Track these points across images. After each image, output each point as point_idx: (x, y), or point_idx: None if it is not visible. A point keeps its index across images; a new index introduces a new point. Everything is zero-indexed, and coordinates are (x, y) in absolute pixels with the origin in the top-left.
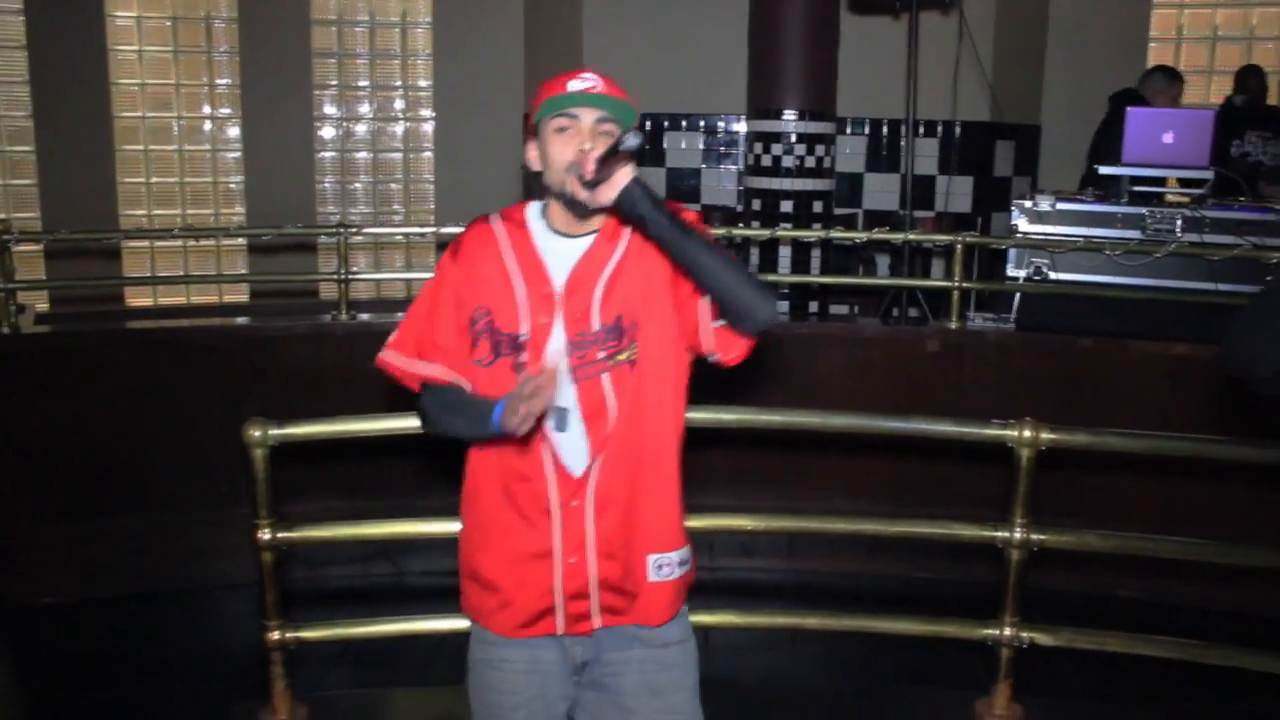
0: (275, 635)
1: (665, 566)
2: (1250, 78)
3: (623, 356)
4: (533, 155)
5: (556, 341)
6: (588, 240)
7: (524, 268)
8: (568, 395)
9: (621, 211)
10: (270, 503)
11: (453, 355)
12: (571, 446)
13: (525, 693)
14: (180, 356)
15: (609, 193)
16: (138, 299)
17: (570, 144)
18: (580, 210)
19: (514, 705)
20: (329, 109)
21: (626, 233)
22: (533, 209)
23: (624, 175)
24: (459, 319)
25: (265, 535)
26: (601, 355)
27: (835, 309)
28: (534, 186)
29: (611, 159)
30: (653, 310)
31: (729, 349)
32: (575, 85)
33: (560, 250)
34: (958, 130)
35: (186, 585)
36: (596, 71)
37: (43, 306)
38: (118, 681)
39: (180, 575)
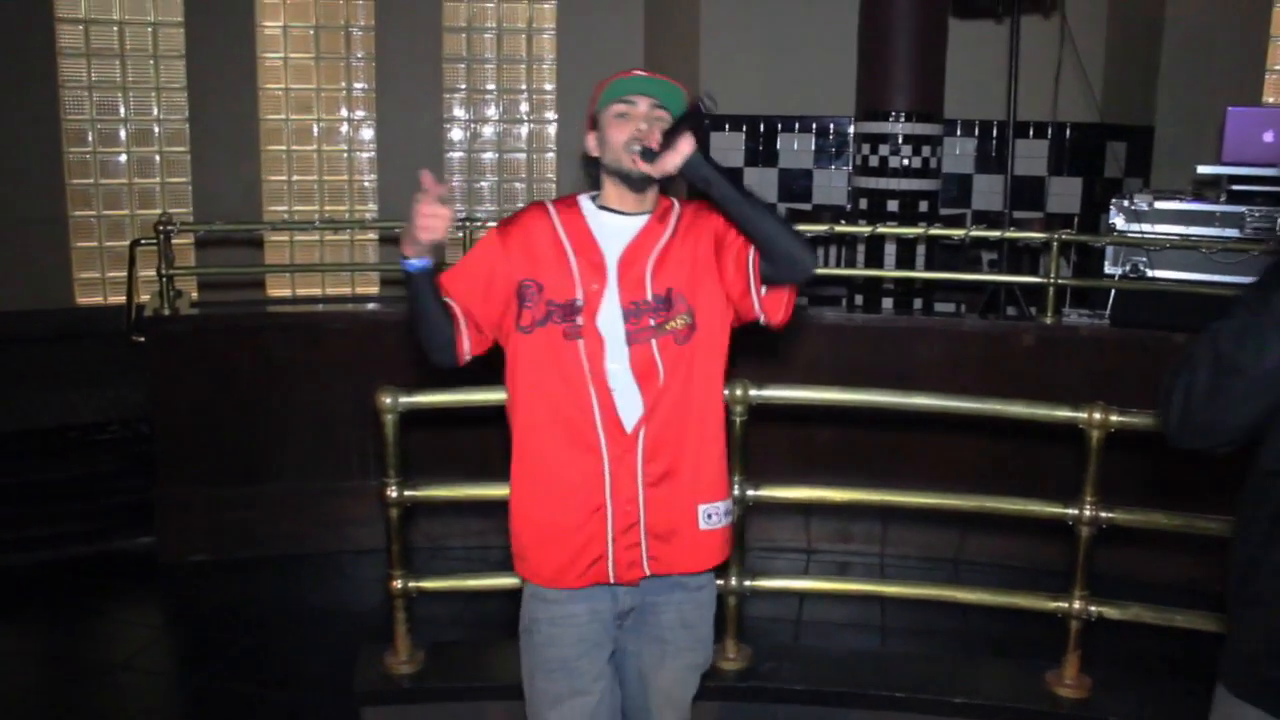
0: (398, 584)
1: (714, 515)
2: None
3: (672, 325)
4: (591, 143)
5: (611, 307)
6: (642, 219)
7: (576, 241)
8: (621, 357)
9: (688, 175)
10: (398, 465)
11: (462, 298)
12: (627, 403)
13: (589, 640)
14: (317, 338)
15: (674, 159)
16: (276, 288)
17: (627, 127)
18: (637, 184)
19: (579, 654)
20: (457, 111)
21: (675, 214)
22: (584, 196)
23: (688, 144)
24: (489, 288)
25: (393, 493)
26: (653, 323)
27: (941, 307)
28: (590, 175)
29: (676, 131)
30: (699, 285)
31: (775, 310)
32: (633, 72)
33: (614, 226)
34: (1066, 131)
35: (319, 549)
36: (649, 71)
37: (194, 294)
38: (256, 631)
39: (314, 539)
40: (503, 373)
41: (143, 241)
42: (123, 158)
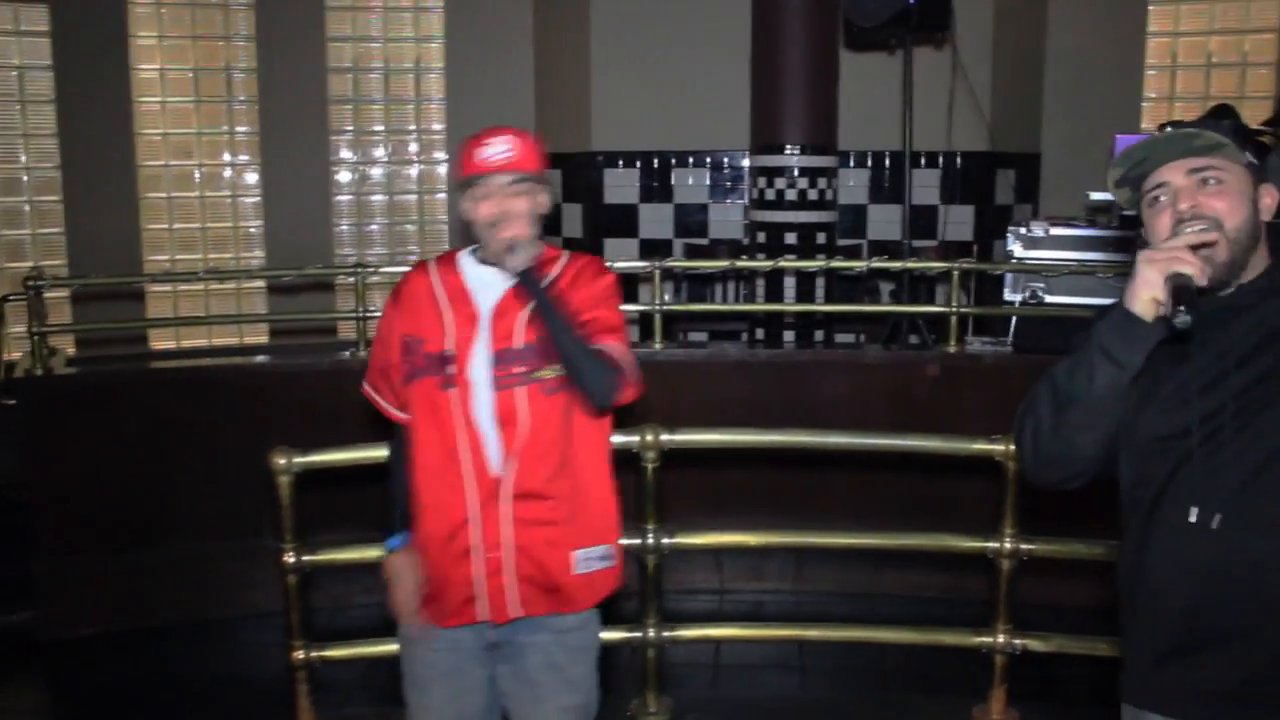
0: (299, 655)
1: (590, 560)
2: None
3: (540, 375)
4: (466, 205)
5: (481, 356)
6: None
7: (451, 295)
8: (485, 402)
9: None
10: (295, 528)
11: (399, 389)
12: (493, 447)
13: (441, 666)
14: (206, 393)
15: (514, 263)
16: (160, 341)
17: (492, 206)
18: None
19: (433, 677)
20: (345, 153)
21: (560, 265)
22: (466, 252)
23: (519, 262)
24: (391, 350)
25: (290, 559)
26: (520, 369)
27: (841, 338)
28: (471, 234)
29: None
30: None
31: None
32: (486, 155)
33: (491, 278)
34: (958, 160)
35: (217, 615)
36: (514, 131)
37: (70, 350)
38: (151, 708)
39: (210, 605)
40: None
41: (10, 298)
42: None
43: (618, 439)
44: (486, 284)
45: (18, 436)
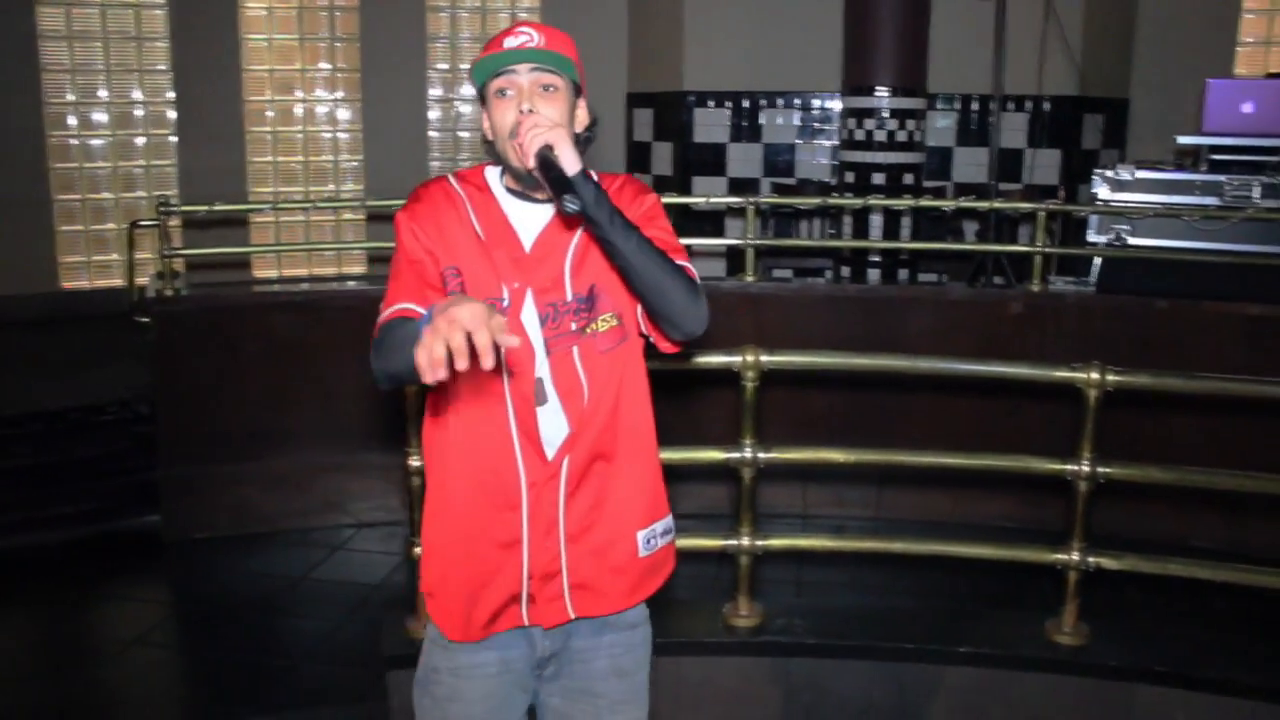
0: (418, 550)
1: (653, 540)
2: None
3: (594, 328)
4: (486, 123)
5: (528, 311)
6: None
7: (491, 228)
8: (542, 368)
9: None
10: (418, 434)
11: (429, 298)
12: (550, 422)
13: (498, 696)
14: (319, 317)
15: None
16: (262, 269)
17: (511, 107)
18: (532, 184)
19: (487, 712)
20: (441, 90)
21: None
22: (491, 172)
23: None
24: (432, 269)
25: (414, 462)
26: (574, 326)
27: (924, 278)
28: (494, 157)
29: (550, 173)
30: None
31: (662, 340)
32: (509, 43)
33: (526, 214)
34: (1046, 105)
35: (324, 524)
36: (537, 25)
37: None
38: (267, 605)
39: (318, 515)
40: None
41: (142, 223)
42: (104, 141)
43: (717, 359)
44: (526, 219)
45: (147, 353)
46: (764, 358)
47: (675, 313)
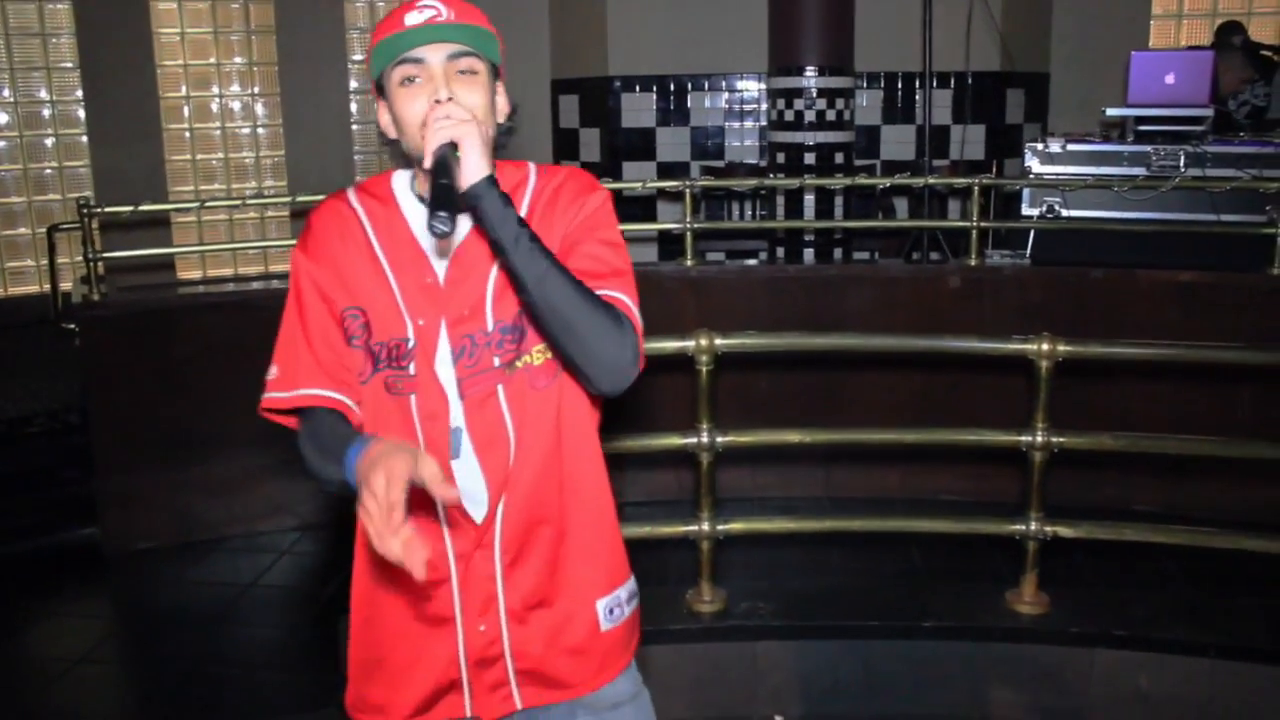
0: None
1: (616, 609)
2: (1231, 33)
3: (526, 361)
4: (384, 119)
5: (444, 342)
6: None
7: (397, 251)
8: (458, 416)
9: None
10: None
11: (335, 369)
12: (470, 481)
13: None
14: (251, 316)
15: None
16: (186, 271)
17: (421, 95)
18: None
19: None
20: (361, 83)
21: (526, 195)
22: (400, 178)
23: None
24: (332, 321)
25: None
26: (497, 362)
27: (858, 255)
28: (397, 157)
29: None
30: None
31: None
32: (411, 19)
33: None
34: (970, 81)
35: (272, 528)
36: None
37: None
38: (215, 615)
39: (264, 520)
40: None
41: (62, 226)
42: (10, 143)
43: (671, 344)
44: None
45: (73, 361)
46: (718, 341)
47: (587, 360)
